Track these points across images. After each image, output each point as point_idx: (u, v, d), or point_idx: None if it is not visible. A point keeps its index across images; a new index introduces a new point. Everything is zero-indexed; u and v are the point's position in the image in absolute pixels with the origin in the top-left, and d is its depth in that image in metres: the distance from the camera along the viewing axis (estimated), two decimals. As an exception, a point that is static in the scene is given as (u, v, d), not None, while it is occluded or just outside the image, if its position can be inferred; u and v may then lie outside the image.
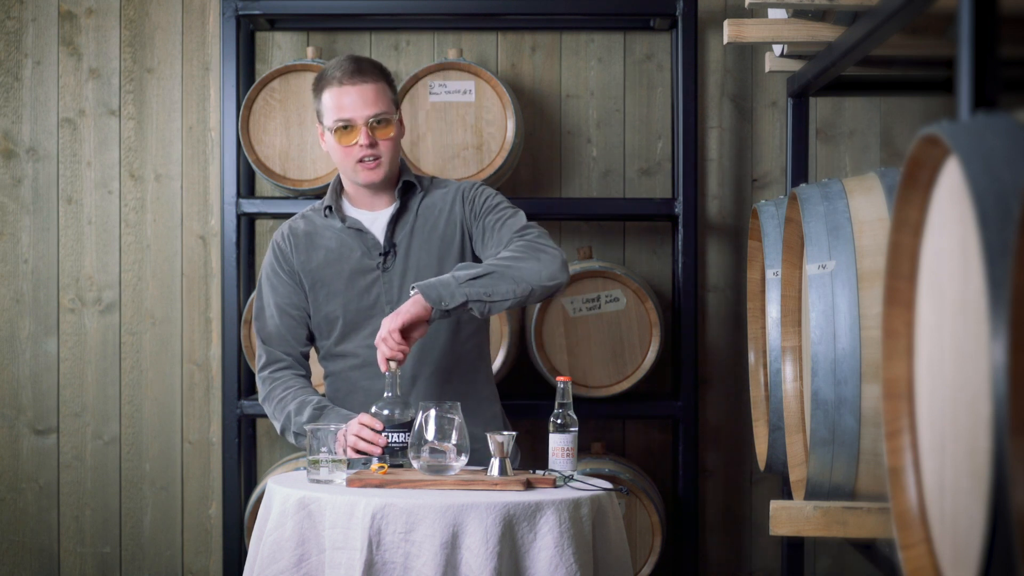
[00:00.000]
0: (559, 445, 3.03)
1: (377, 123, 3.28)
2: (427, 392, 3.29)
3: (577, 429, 3.04)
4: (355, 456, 3.06)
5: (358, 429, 3.06)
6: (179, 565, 4.64)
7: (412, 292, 3.10)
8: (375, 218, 3.38)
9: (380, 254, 3.34)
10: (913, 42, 3.38)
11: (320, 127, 3.36)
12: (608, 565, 2.92)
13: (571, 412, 3.05)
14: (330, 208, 3.38)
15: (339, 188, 3.43)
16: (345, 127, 3.28)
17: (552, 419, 3.04)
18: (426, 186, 3.43)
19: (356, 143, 3.28)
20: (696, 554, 4.36)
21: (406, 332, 3.07)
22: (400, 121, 3.37)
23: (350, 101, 3.28)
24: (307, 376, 3.42)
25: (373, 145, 3.28)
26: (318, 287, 3.37)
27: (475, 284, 3.10)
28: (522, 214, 3.35)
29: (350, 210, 3.41)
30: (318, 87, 3.34)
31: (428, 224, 3.37)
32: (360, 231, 3.36)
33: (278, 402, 3.33)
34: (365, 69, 3.31)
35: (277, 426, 3.36)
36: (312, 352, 3.50)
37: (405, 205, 3.38)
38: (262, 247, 4.63)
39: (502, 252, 3.21)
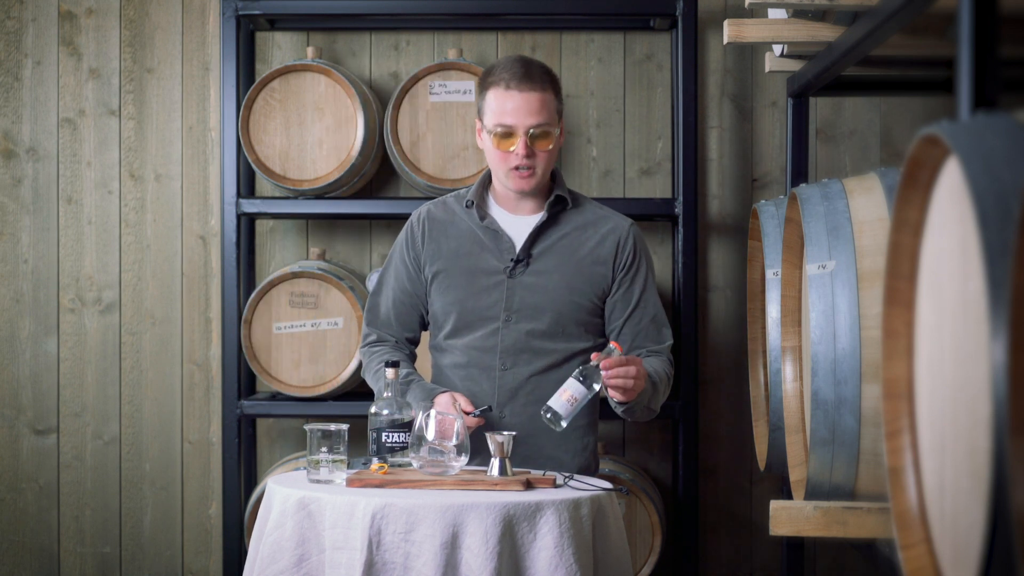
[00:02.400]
0: (569, 390, 3.00)
1: (537, 134, 3.22)
2: (523, 409, 3.22)
3: (596, 390, 3.02)
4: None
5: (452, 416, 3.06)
6: (179, 565, 4.64)
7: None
8: (515, 222, 3.32)
9: (512, 260, 3.29)
10: (913, 42, 3.38)
11: (479, 123, 3.29)
12: (608, 565, 2.92)
13: (600, 375, 3.03)
14: (472, 202, 3.33)
15: (486, 183, 3.37)
16: (505, 134, 3.22)
17: (581, 367, 3.04)
18: (578, 203, 3.37)
19: (513, 151, 3.22)
20: (696, 554, 4.36)
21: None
22: (561, 131, 3.30)
23: (513, 107, 3.21)
24: (408, 354, 3.38)
25: (530, 155, 3.21)
26: (440, 276, 3.32)
27: (652, 399, 3.21)
28: (662, 310, 3.39)
29: (493, 208, 3.35)
30: (484, 83, 3.27)
31: (572, 246, 3.31)
32: (497, 232, 3.31)
33: (374, 373, 3.32)
34: (534, 75, 3.22)
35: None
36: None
37: (553, 218, 3.32)
38: (262, 247, 4.64)
39: (660, 367, 3.27)
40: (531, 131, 3.21)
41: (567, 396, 3.01)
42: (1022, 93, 2.96)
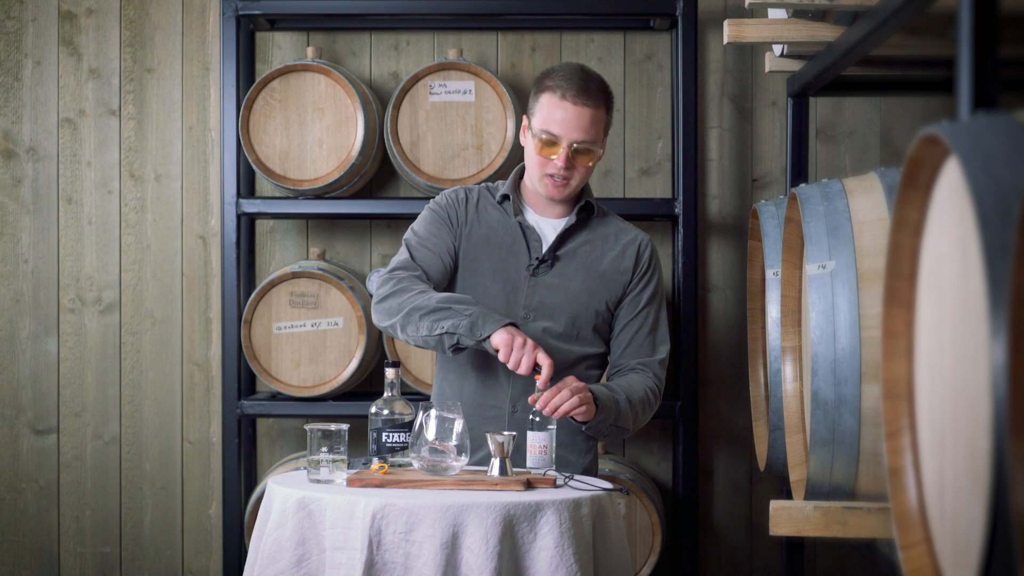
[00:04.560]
0: (535, 442, 3.03)
1: (581, 150, 3.23)
2: (529, 407, 3.16)
3: (555, 427, 3.03)
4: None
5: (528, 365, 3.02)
6: (179, 565, 4.64)
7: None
8: (542, 223, 3.34)
9: (537, 259, 3.30)
10: (913, 42, 3.38)
11: (526, 120, 3.30)
12: (608, 565, 2.92)
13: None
14: (507, 197, 3.33)
15: (518, 181, 3.38)
16: (549, 141, 3.23)
17: (530, 416, 3.04)
18: (602, 213, 3.39)
19: (553, 159, 3.23)
20: (696, 554, 4.36)
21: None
22: (603, 146, 3.30)
23: (563, 118, 3.21)
24: None
25: (569, 168, 3.23)
26: (465, 259, 3.31)
27: (621, 417, 3.20)
28: (664, 327, 3.37)
29: (523, 206, 3.36)
30: (540, 85, 3.27)
31: (595, 253, 3.33)
32: (529, 229, 3.31)
33: (418, 292, 3.16)
34: (591, 91, 3.23)
35: (394, 320, 3.16)
36: None
37: (579, 224, 3.34)
38: (262, 247, 4.64)
39: (640, 386, 3.25)
40: (575, 145, 3.22)
41: (537, 449, 3.03)
42: (1022, 93, 2.96)
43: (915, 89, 4.16)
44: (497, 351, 3.04)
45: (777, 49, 3.88)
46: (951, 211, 1.80)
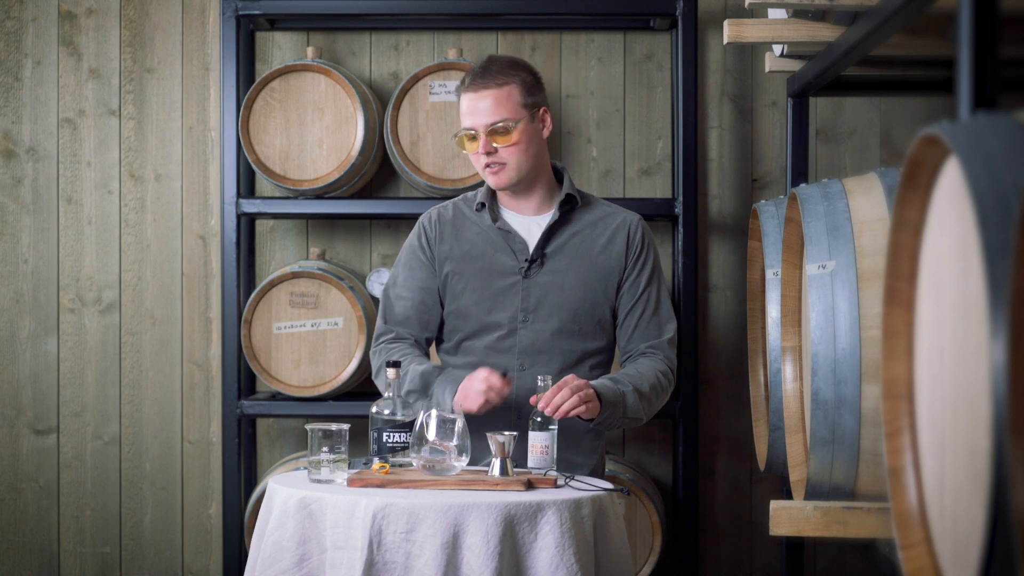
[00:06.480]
0: (536, 443, 3.02)
1: (496, 131, 3.23)
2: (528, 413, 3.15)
3: (556, 427, 3.03)
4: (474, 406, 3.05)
5: (485, 387, 3.05)
6: (179, 565, 4.64)
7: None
8: (525, 222, 3.33)
9: (526, 260, 3.29)
10: (913, 42, 3.38)
11: None
12: (609, 565, 2.92)
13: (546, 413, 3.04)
14: (483, 204, 3.33)
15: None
16: (469, 136, 3.25)
17: (532, 416, 3.04)
18: (586, 201, 3.38)
19: (478, 152, 3.24)
20: (696, 554, 4.36)
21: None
22: (541, 123, 3.29)
23: (471, 108, 3.24)
24: (425, 354, 3.35)
25: (492, 152, 3.23)
26: (455, 277, 3.31)
27: (630, 410, 3.18)
28: (667, 304, 3.36)
29: (502, 210, 3.35)
30: (458, 91, 3.32)
31: (584, 243, 3.32)
32: (510, 232, 3.31)
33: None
34: (489, 73, 3.25)
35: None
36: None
37: (564, 217, 3.32)
38: (262, 247, 4.64)
39: (650, 371, 3.25)
40: (489, 129, 3.23)
41: (539, 449, 3.02)
42: (1022, 93, 2.96)
43: (915, 89, 4.16)
44: (470, 411, 3.07)
45: (777, 49, 3.88)
46: (951, 211, 1.80)
